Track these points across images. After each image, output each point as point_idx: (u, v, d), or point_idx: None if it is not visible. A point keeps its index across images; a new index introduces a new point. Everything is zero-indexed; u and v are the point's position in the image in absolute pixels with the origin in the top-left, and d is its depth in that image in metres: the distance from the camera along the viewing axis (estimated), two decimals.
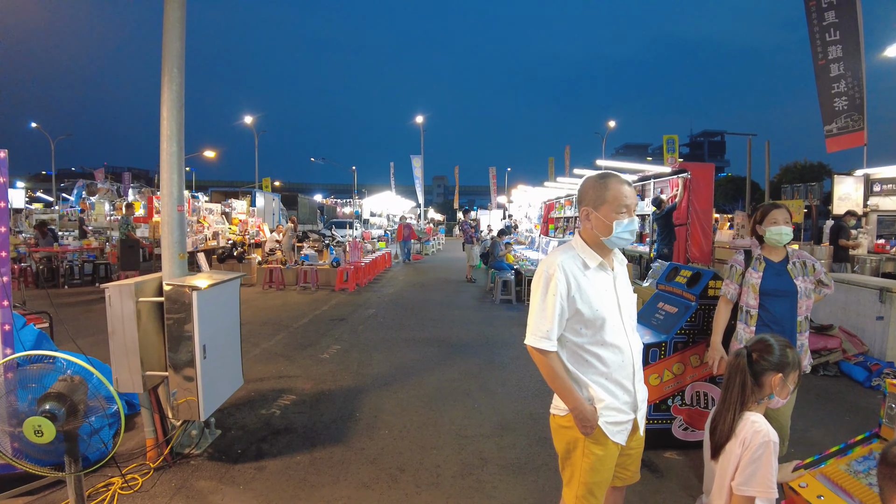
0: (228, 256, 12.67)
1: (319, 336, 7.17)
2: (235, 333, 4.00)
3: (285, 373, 5.53)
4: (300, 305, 9.56)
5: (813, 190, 27.91)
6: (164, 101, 3.52)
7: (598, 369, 2.05)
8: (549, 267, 2.03)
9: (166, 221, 3.57)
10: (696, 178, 9.53)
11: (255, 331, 7.50)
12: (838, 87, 9.15)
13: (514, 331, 7.66)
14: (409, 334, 7.33)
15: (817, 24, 9.42)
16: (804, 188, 28.13)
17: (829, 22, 9.24)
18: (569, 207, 19.17)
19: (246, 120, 34.76)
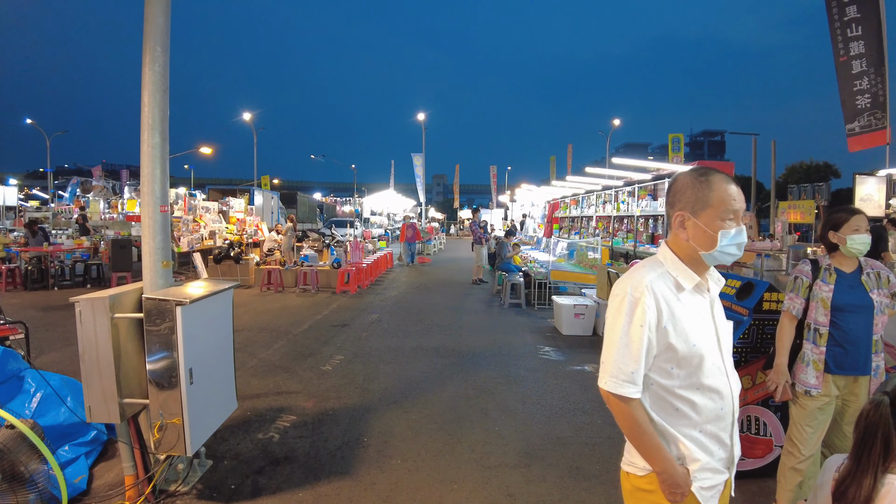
0: (225, 257, 12.19)
1: (321, 344, 6.70)
2: (228, 351, 3.54)
3: (284, 388, 5.07)
4: (300, 309, 9.09)
5: (821, 190, 27.55)
6: (146, 85, 3.05)
7: (690, 419, 1.59)
8: (633, 288, 1.56)
9: (148, 224, 3.10)
10: None
11: (253, 338, 7.03)
12: (860, 85, 8.72)
13: (527, 338, 7.21)
14: (416, 342, 6.87)
15: (838, 19, 8.98)
16: (811, 188, 27.74)
17: (851, 17, 8.80)
18: (574, 207, 18.72)
19: (245, 117, 34.28)
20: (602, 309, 7.40)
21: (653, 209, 11.60)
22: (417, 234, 17.91)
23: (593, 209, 16.03)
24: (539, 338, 7.27)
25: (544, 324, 8.21)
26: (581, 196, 17.58)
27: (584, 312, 7.36)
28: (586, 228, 17.62)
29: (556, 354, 6.41)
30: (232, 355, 3.60)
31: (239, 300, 10.03)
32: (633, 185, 12.52)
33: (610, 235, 14.59)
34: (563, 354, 6.43)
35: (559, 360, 6.16)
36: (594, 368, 5.88)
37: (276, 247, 14.53)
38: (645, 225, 12.73)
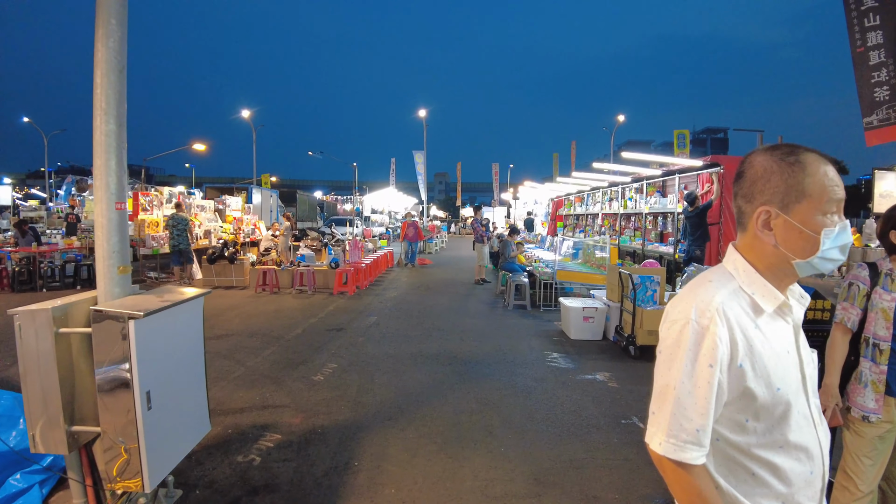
0: (219, 257, 11.80)
1: (314, 351, 6.30)
2: (198, 368, 3.12)
3: (271, 401, 4.67)
4: (294, 312, 8.69)
5: None
6: (98, 64, 2.63)
7: (771, 488, 1.17)
8: (699, 313, 1.15)
9: (102, 224, 2.69)
10: (729, 174, 8.64)
11: (242, 344, 6.63)
12: (879, 76, 8.24)
13: (533, 343, 6.79)
14: (416, 348, 6.46)
15: (855, 8, 8.53)
16: None
17: (868, 6, 8.34)
18: (579, 204, 18.29)
19: (245, 115, 33.88)
20: (613, 312, 6.98)
21: (662, 206, 11.17)
22: (419, 233, 16.57)
23: (599, 206, 15.60)
24: (546, 343, 6.86)
25: (551, 327, 7.80)
26: (586, 193, 17.15)
27: (594, 316, 6.94)
28: (591, 226, 17.19)
29: (564, 361, 6.00)
30: (203, 372, 3.18)
31: (231, 302, 9.64)
32: (641, 182, 12.09)
33: (616, 233, 14.16)
34: (572, 361, 6.01)
35: (568, 369, 5.74)
36: (606, 377, 5.47)
37: (272, 246, 14.14)
38: (654, 222, 12.30)
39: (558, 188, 18.81)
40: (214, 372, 5.48)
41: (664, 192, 11.99)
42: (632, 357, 6.22)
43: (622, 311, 6.63)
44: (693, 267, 7.25)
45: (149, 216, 12.17)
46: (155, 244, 11.87)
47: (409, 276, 14.10)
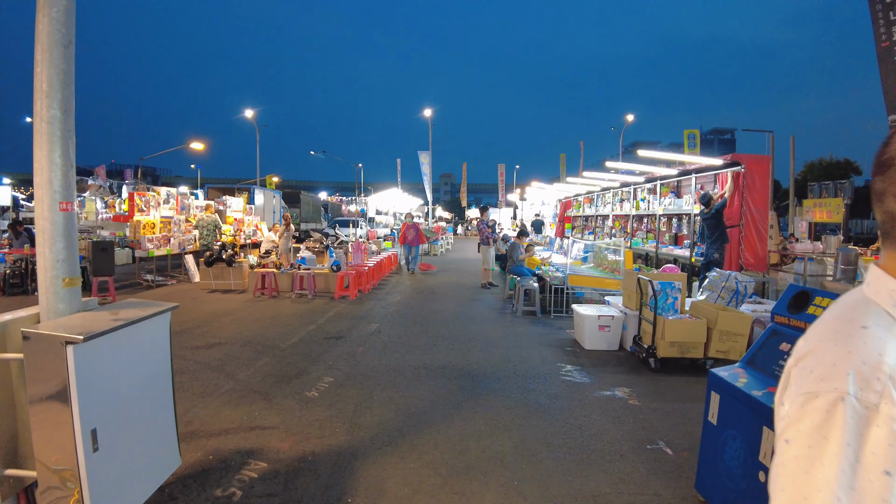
0: (217, 259, 11.41)
1: (310, 362, 5.87)
2: (163, 396, 2.69)
3: (259, 421, 4.24)
4: (292, 318, 8.27)
5: (843, 188, 26.33)
6: (39, 37, 2.22)
7: None
8: (862, 383, 0.71)
9: (44, 228, 2.27)
10: (750, 173, 8.17)
11: (234, 354, 6.21)
12: None
13: (545, 354, 6.34)
14: (419, 359, 6.02)
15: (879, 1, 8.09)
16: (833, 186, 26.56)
17: None
18: (588, 205, 17.82)
19: (250, 116, 33.59)
20: (630, 320, 6.52)
21: (677, 207, 10.70)
22: (420, 236, 14.86)
23: (609, 207, 15.13)
24: (558, 353, 6.40)
25: (563, 336, 7.34)
26: (596, 194, 16.68)
27: (610, 325, 6.49)
28: (601, 228, 16.72)
29: (580, 375, 5.54)
30: (171, 400, 2.75)
31: (228, 307, 9.23)
32: (654, 182, 11.61)
33: (628, 235, 13.69)
34: (588, 375, 5.56)
35: (585, 383, 5.29)
36: (626, 393, 5.01)
37: (273, 248, 13.75)
38: (668, 224, 11.82)
39: (567, 189, 18.34)
40: (201, 386, 5.06)
41: (679, 193, 11.51)
42: (652, 370, 5.76)
43: (641, 319, 6.17)
44: (715, 272, 6.78)
45: (145, 217, 11.79)
46: (151, 246, 11.48)
47: (413, 279, 13.67)
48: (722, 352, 5.67)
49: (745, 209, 8.18)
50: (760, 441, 2.69)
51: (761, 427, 2.69)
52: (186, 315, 8.50)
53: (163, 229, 12.34)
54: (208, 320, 8.13)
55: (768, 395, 2.75)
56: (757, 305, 7.10)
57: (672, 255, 10.67)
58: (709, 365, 5.84)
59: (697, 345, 5.66)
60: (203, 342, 6.80)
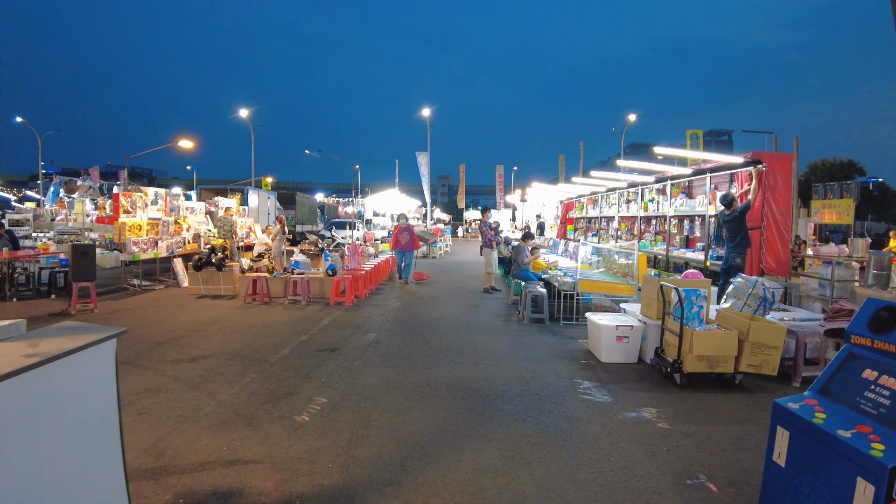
0: (206, 264, 10.85)
1: (301, 379, 5.33)
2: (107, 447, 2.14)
3: (241, 452, 3.69)
4: (284, 327, 7.72)
5: (850, 188, 25.93)
6: None
7: None
8: None
9: None
10: (772, 171, 7.67)
11: (218, 369, 5.67)
12: None
13: (558, 368, 5.81)
14: (422, 375, 5.48)
15: None
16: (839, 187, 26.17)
17: None
18: (591, 207, 17.31)
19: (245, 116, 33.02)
20: (650, 331, 6.00)
21: (689, 208, 10.17)
22: (415, 241, 12.95)
23: (615, 209, 14.62)
24: (573, 367, 5.88)
25: (575, 346, 6.82)
26: (600, 195, 16.17)
27: (629, 335, 5.96)
28: (606, 230, 16.21)
29: (600, 393, 5.02)
30: (119, 449, 2.20)
31: (216, 314, 8.68)
32: (664, 182, 11.11)
33: (635, 238, 13.18)
34: (608, 393, 5.03)
35: (606, 403, 4.76)
36: (653, 415, 4.49)
37: (266, 251, 13.20)
38: (679, 226, 11.30)
39: (570, 189, 17.83)
40: (179, 408, 4.52)
41: (690, 194, 11.00)
42: (677, 386, 5.24)
43: (663, 330, 5.65)
44: (741, 278, 6.26)
45: (131, 219, 11.23)
46: (136, 249, 10.92)
47: (411, 284, 13.12)
48: (754, 366, 5.16)
49: (766, 210, 7.68)
50: (853, 496, 2.17)
51: (854, 478, 2.17)
52: (171, 324, 7.96)
53: (150, 231, 11.79)
54: (194, 329, 7.58)
55: (860, 438, 2.23)
56: (783, 313, 6.59)
57: (684, 258, 10.17)
58: (738, 380, 5.33)
59: (728, 359, 5.15)
60: (186, 355, 6.25)
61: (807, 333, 5.62)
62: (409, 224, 13.10)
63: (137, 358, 6.12)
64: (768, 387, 5.42)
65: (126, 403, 4.63)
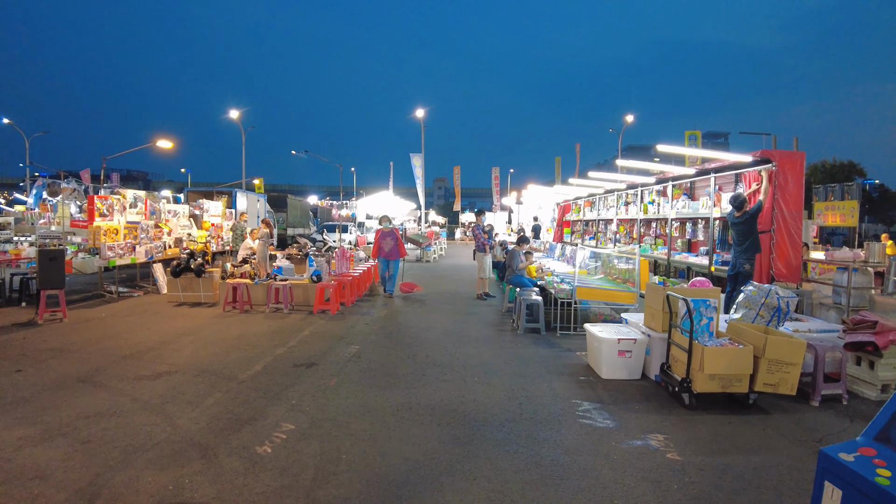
0: (185, 269, 10.32)
1: (270, 400, 4.81)
2: None
3: (187, 493, 3.17)
4: (261, 339, 7.20)
5: (851, 190, 25.52)
6: None
7: None
8: None
9: None
10: (782, 171, 7.20)
11: (182, 388, 5.15)
12: None
13: (555, 386, 5.31)
14: (403, 396, 4.97)
15: None
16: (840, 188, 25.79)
17: None
18: (589, 209, 16.85)
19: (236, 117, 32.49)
20: (655, 343, 5.51)
21: (692, 210, 9.70)
22: (400, 247, 11.32)
23: (613, 211, 14.14)
24: (571, 385, 5.37)
25: (573, 360, 6.32)
26: (598, 197, 15.70)
27: (632, 350, 5.47)
28: (603, 233, 15.75)
29: (601, 417, 4.51)
30: None
31: (191, 324, 8.15)
32: (665, 183, 10.64)
33: (634, 241, 12.70)
34: (610, 416, 4.53)
35: (609, 429, 4.26)
36: (661, 442, 3.99)
37: (250, 255, 12.67)
38: (680, 229, 10.82)
39: (567, 191, 17.34)
40: (128, 437, 4.00)
41: (693, 195, 10.54)
42: (686, 407, 4.75)
43: (670, 344, 5.16)
44: (752, 286, 5.77)
45: (107, 222, 10.70)
46: (112, 254, 10.38)
47: (398, 298, 12.61)
48: (771, 385, 4.67)
49: (776, 212, 7.20)
50: None
51: None
52: (141, 335, 7.43)
53: (128, 236, 11.26)
54: (165, 341, 7.06)
55: None
56: (796, 324, 6.11)
57: (686, 262, 9.69)
58: (752, 399, 4.83)
59: (742, 377, 4.65)
60: (150, 371, 5.73)
61: (826, 348, 5.13)
62: (394, 227, 11.47)
63: (96, 375, 5.59)
64: (785, 406, 4.94)
65: (70, 430, 4.12)
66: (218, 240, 14.70)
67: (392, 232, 11.23)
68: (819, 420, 4.62)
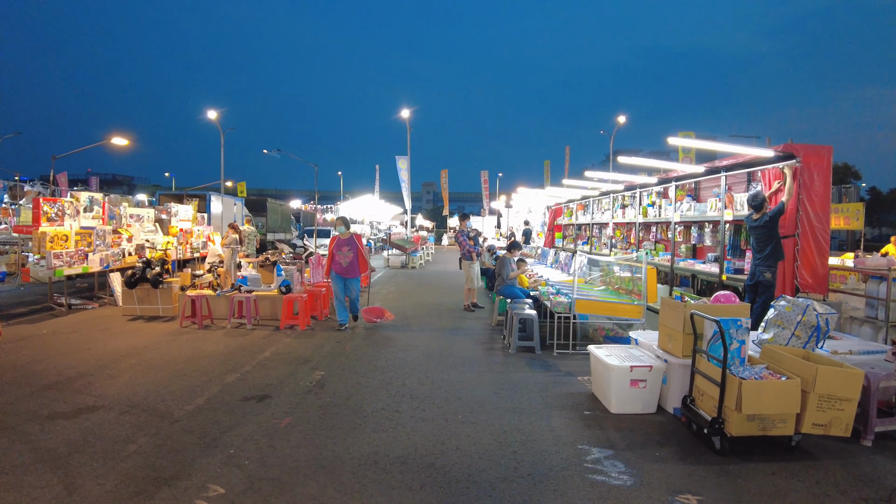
0: (140, 280, 9.30)
1: (203, 448, 3.86)
2: None
3: None
4: (213, 362, 6.23)
5: (849, 193, 24.97)
6: None
7: None
8: None
9: None
10: (808, 168, 6.38)
11: (102, 431, 4.17)
12: None
13: (556, 424, 4.40)
14: (370, 444, 4.02)
15: None
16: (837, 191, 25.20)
17: None
18: (582, 213, 16.03)
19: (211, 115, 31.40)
20: (673, 371, 4.63)
21: (699, 212, 8.87)
22: (361, 261, 8.30)
23: (608, 214, 13.32)
24: (575, 422, 4.47)
25: (575, 387, 5.43)
26: (592, 199, 14.89)
27: (646, 378, 4.58)
28: (598, 238, 14.93)
29: (615, 469, 3.60)
30: None
31: (140, 343, 7.15)
32: (668, 183, 9.82)
33: (632, 246, 11.88)
34: (627, 468, 3.62)
35: (626, 488, 3.35)
36: None
37: (218, 263, 11.67)
38: (684, 234, 10.00)
39: (559, 193, 16.51)
40: None
41: (698, 196, 9.73)
42: (716, 452, 3.86)
43: (694, 373, 4.28)
44: (785, 301, 4.91)
45: (56, 228, 9.65)
46: (59, 263, 9.32)
47: (383, 300, 11.66)
48: (821, 426, 3.80)
49: (801, 214, 6.38)
50: None
51: None
52: (78, 357, 6.43)
53: (80, 243, 10.21)
54: (103, 364, 6.07)
55: None
56: (832, 343, 5.25)
57: (691, 270, 8.86)
58: (795, 441, 3.97)
59: (788, 417, 3.78)
60: (70, 406, 4.75)
61: (880, 376, 4.27)
62: (353, 233, 8.50)
63: (1, 412, 4.60)
64: (832, 447, 4.08)
65: None
66: (186, 246, 13.65)
67: (351, 240, 8.30)
68: (878, 467, 3.76)
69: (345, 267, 8.20)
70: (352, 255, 8.23)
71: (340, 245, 8.29)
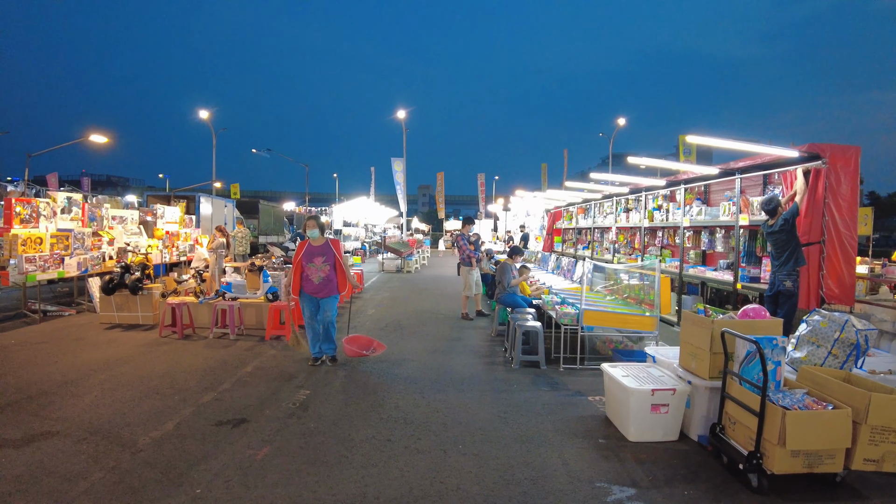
0: (119, 285, 8.77)
1: (166, 487, 3.34)
2: None
3: None
4: (189, 378, 5.70)
5: None
6: None
7: None
8: None
9: None
10: (834, 169, 5.93)
11: (53, 463, 3.65)
12: None
13: (568, 456, 3.90)
14: (357, 482, 3.51)
15: None
16: None
17: None
18: (582, 216, 15.58)
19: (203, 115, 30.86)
20: (699, 394, 4.15)
21: (711, 217, 8.41)
22: (340, 276, 6.21)
23: (611, 218, 12.86)
24: (590, 451, 3.97)
25: (586, 408, 4.93)
26: (593, 203, 14.44)
27: (669, 402, 4.09)
28: (599, 242, 14.48)
29: None
30: None
31: (113, 356, 6.61)
32: (676, 186, 9.36)
33: (636, 251, 11.43)
34: None
35: None
36: None
37: (204, 267, 11.13)
38: (694, 239, 9.53)
39: (558, 196, 16.05)
40: None
41: (708, 200, 9.28)
42: (754, 490, 3.37)
43: (724, 398, 3.80)
44: (819, 316, 4.43)
45: (30, 230, 9.10)
46: (31, 267, 8.78)
47: (377, 306, 11.15)
48: (872, 461, 3.33)
49: (827, 220, 5.92)
50: None
51: None
52: (43, 371, 5.91)
53: (57, 246, 9.66)
54: (69, 381, 5.54)
55: None
56: (869, 361, 4.78)
57: (701, 277, 8.40)
58: (840, 477, 3.49)
59: (836, 452, 3.30)
60: (22, 432, 4.22)
61: None
62: (330, 238, 6.32)
63: None
64: (881, 482, 3.62)
65: None
66: (172, 249, 13.10)
67: (327, 247, 6.15)
68: None
69: (317, 284, 6.07)
70: (327, 267, 6.08)
71: (312, 255, 6.09)
